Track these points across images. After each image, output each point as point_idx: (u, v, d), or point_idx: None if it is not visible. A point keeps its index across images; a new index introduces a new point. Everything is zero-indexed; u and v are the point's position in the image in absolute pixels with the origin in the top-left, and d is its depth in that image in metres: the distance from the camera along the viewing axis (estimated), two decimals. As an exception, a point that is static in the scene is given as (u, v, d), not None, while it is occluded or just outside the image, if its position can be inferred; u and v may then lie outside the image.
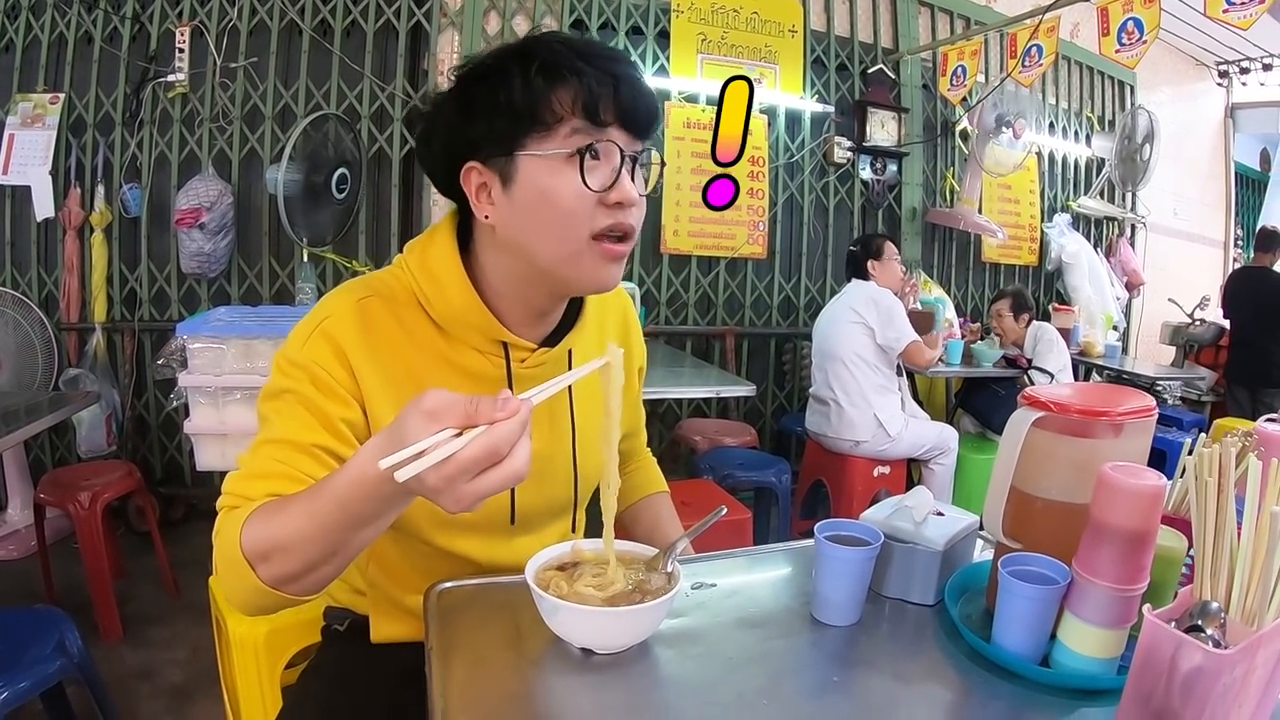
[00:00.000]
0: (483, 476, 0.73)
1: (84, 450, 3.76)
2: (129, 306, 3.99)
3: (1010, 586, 0.92)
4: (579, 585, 0.98)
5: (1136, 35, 3.65)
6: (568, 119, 0.97)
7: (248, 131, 3.99)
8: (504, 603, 1.08)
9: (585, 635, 0.95)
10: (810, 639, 1.02)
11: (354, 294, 1.09)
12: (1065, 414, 0.96)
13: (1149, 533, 0.85)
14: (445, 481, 0.72)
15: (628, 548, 1.09)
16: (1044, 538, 0.97)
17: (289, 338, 1.07)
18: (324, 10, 4.04)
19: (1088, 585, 0.87)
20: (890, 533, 1.10)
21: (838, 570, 1.02)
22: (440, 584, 1.11)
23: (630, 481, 1.50)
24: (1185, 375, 5.45)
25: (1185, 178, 7.09)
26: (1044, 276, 5.97)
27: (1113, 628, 0.88)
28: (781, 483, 3.44)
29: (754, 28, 4.80)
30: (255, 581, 0.87)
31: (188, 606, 3.14)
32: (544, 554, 1.04)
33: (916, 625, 1.06)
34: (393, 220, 4.18)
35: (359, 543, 0.87)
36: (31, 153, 3.77)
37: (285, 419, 1.01)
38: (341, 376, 1.03)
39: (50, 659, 1.86)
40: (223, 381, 2.68)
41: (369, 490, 0.79)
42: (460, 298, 1.07)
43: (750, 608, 1.09)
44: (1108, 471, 0.86)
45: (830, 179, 5.07)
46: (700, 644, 0.99)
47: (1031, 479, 0.99)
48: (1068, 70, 6.02)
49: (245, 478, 0.98)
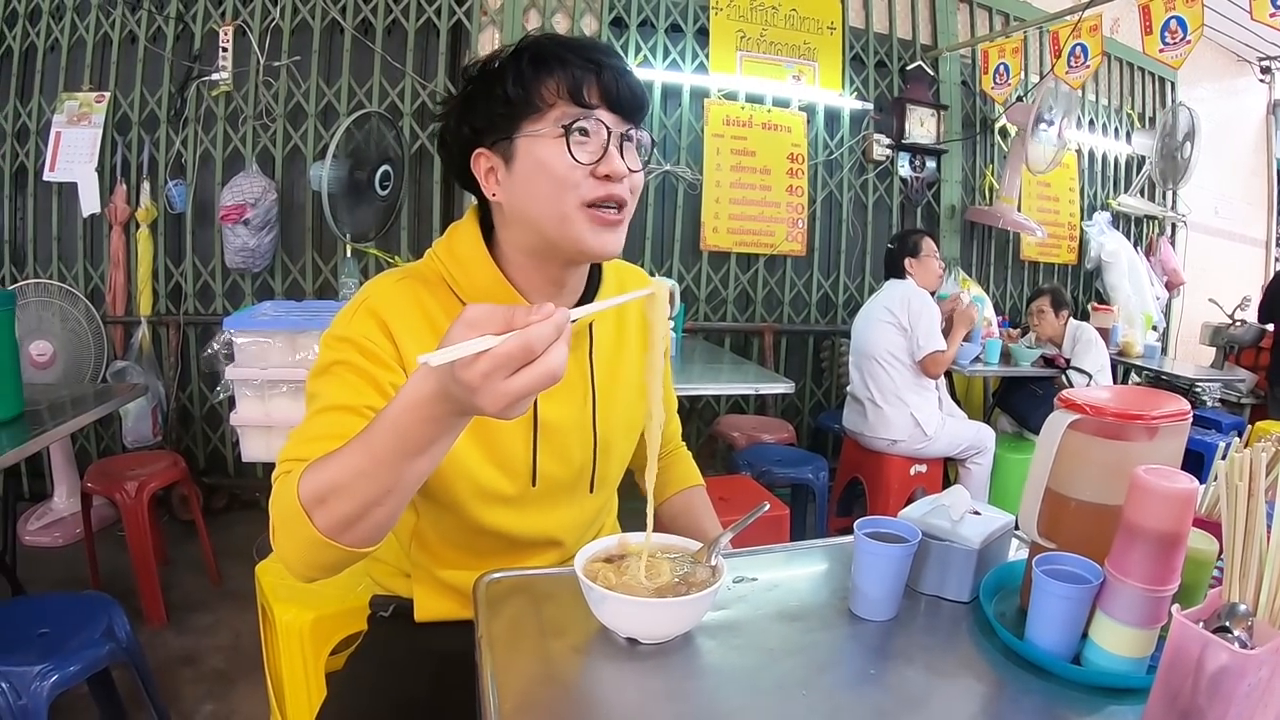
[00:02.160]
0: (518, 374, 0.74)
1: (130, 441, 3.86)
2: (174, 300, 4.09)
3: (1044, 585, 0.94)
4: (626, 577, 1.01)
5: (1180, 34, 3.61)
6: (557, 104, 1.08)
7: (291, 129, 4.06)
8: (550, 593, 1.12)
9: (632, 625, 0.98)
10: (848, 632, 1.04)
11: (392, 277, 1.19)
12: (1100, 417, 0.97)
13: (1180, 535, 0.87)
14: (481, 377, 0.73)
15: (673, 541, 1.12)
16: (1078, 538, 0.99)
17: (334, 320, 1.14)
18: (365, 9, 4.09)
19: (1120, 585, 0.89)
20: (927, 530, 1.12)
21: (876, 566, 1.05)
22: (489, 574, 1.15)
23: (667, 475, 1.54)
24: (1225, 377, 5.36)
25: (1227, 176, 6.97)
26: (1083, 275, 5.91)
27: (1143, 627, 0.89)
28: (819, 480, 3.45)
29: (793, 25, 4.80)
30: (312, 531, 0.88)
31: (230, 594, 3.21)
32: (592, 546, 1.07)
33: (951, 621, 1.08)
34: (434, 215, 4.24)
35: (413, 475, 0.87)
36: (78, 150, 3.87)
37: (335, 388, 1.07)
38: (386, 346, 1.10)
39: (99, 643, 1.90)
40: (268, 375, 2.72)
41: (421, 412, 0.81)
42: (484, 275, 1.17)
43: (790, 601, 1.12)
44: (1141, 474, 0.87)
45: (869, 176, 5.06)
46: (742, 635, 1.02)
47: (1066, 480, 1.01)
48: (1107, 66, 5.94)
49: (298, 443, 1.02)
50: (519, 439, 1.20)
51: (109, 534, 3.46)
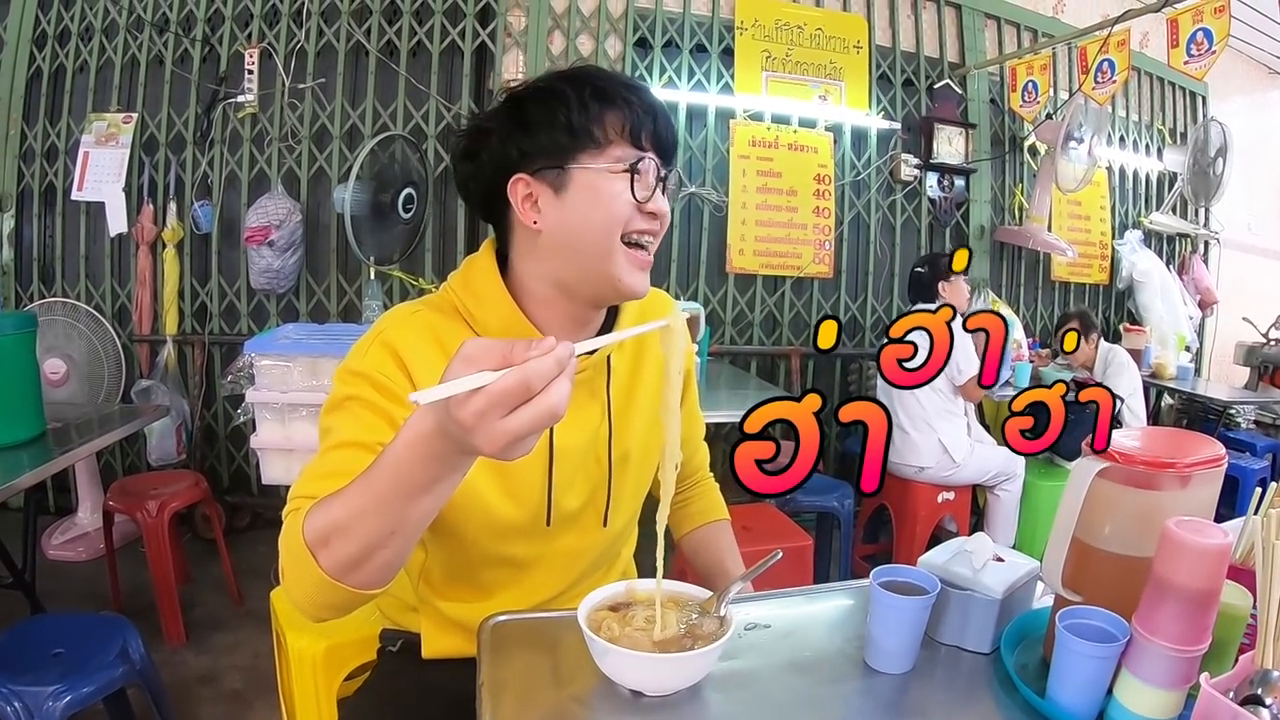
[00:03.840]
0: (516, 413, 0.70)
1: (154, 459, 3.87)
2: (199, 320, 4.11)
3: (1067, 643, 0.90)
4: (630, 628, 0.98)
5: (1206, 46, 3.55)
6: (616, 142, 1.10)
7: (316, 151, 4.08)
8: (556, 638, 1.09)
9: (634, 679, 0.95)
10: (862, 686, 1.01)
11: (408, 309, 1.19)
12: (1130, 465, 0.94)
13: (1213, 592, 0.83)
14: (475, 416, 0.70)
15: (681, 589, 1.09)
16: (1104, 591, 0.95)
17: (349, 353, 1.13)
18: (390, 32, 4.12)
19: (1147, 644, 0.85)
20: (948, 579, 1.09)
21: (892, 618, 1.01)
22: (494, 617, 1.13)
23: (691, 507, 1.51)
24: (1260, 399, 5.26)
25: (1260, 191, 6.84)
26: (1115, 295, 5.82)
27: (1171, 689, 0.85)
28: (844, 508, 3.40)
29: (818, 44, 4.77)
30: (318, 573, 0.87)
31: (250, 614, 3.21)
32: (597, 594, 1.04)
33: (971, 674, 1.04)
34: (459, 239, 4.24)
35: (417, 515, 0.84)
36: (106, 170, 3.92)
37: (348, 424, 1.05)
38: (401, 380, 1.08)
39: (114, 665, 1.91)
40: (289, 398, 2.73)
41: (421, 450, 0.78)
42: (500, 310, 1.16)
43: (803, 650, 1.09)
44: (1172, 528, 0.84)
45: (897, 197, 5.00)
46: (750, 688, 0.99)
47: (1094, 530, 0.97)
48: (1137, 81, 5.86)
49: (309, 480, 1.00)
50: (534, 471, 1.18)
51: (132, 549, 3.47)
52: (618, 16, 4.39)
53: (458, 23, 4.16)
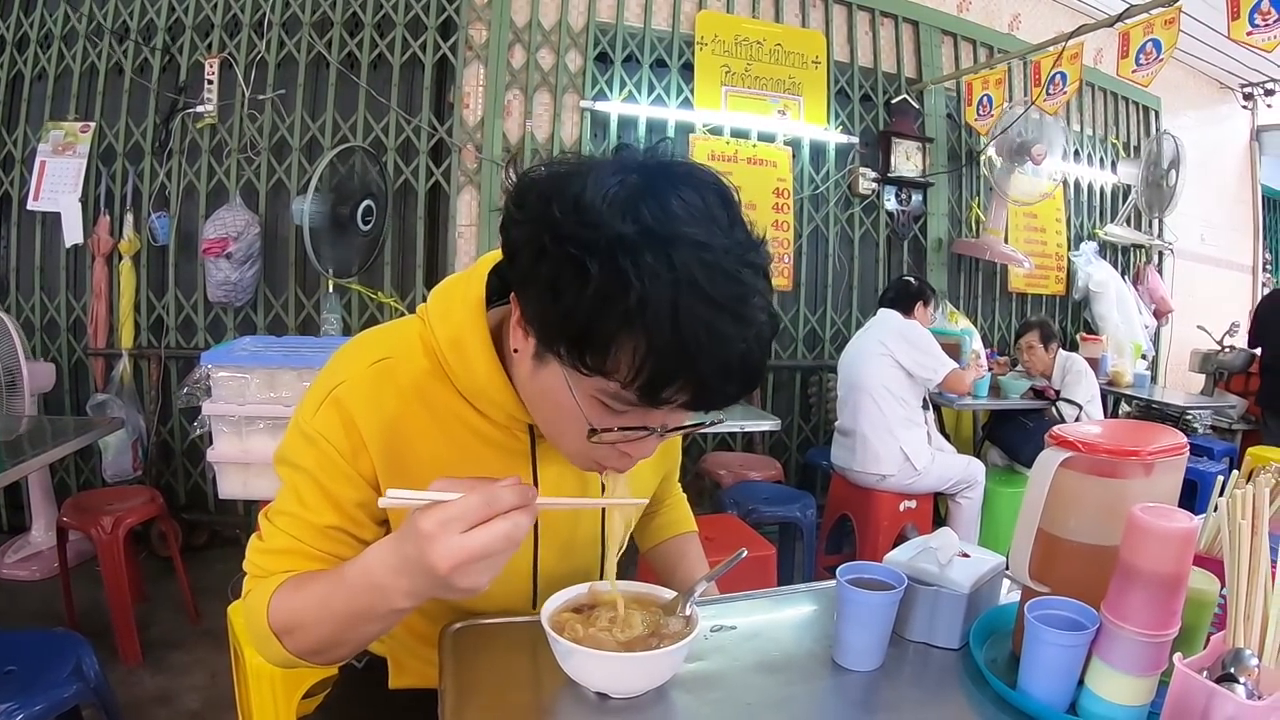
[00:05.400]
0: (477, 530, 0.72)
1: (110, 475, 3.80)
2: (156, 333, 4.04)
3: (1037, 632, 0.89)
4: (594, 629, 0.96)
5: (1154, 55, 3.63)
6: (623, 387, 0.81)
7: (275, 162, 4.04)
8: (519, 642, 1.06)
9: (600, 680, 0.93)
10: (831, 684, 1.00)
11: (370, 354, 1.03)
12: (1094, 454, 0.94)
13: (1180, 576, 0.83)
14: (439, 525, 0.72)
15: (645, 590, 1.07)
16: (1072, 581, 0.94)
17: (306, 395, 1.04)
18: (351, 44, 4.09)
19: (1117, 631, 0.85)
20: (914, 575, 1.08)
21: (860, 615, 1.00)
22: (455, 624, 1.10)
23: (660, 519, 1.47)
24: (1216, 404, 5.36)
25: (1212, 203, 7.02)
26: (1071, 306, 5.91)
27: (1143, 674, 0.85)
28: (806, 517, 3.40)
29: (777, 59, 4.82)
30: (283, 652, 0.92)
31: (208, 632, 3.15)
32: (560, 595, 1.02)
33: (940, 670, 1.03)
34: (418, 252, 4.20)
35: (368, 634, 0.91)
36: (62, 180, 3.86)
37: (299, 495, 1.00)
38: (349, 454, 0.99)
39: (66, 683, 1.86)
40: (246, 411, 2.69)
41: (372, 578, 0.82)
42: (484, 374, 0.98)
43: (771, 651, 1.07)
44: (1137, 514, 0.84)
45: (855, 210, 5.05)
46: (718, 689, 0.97)
47: (1059, 520, 0.97)
48: (1091, 96, 5.99)
49: (265, 552, 1.00)
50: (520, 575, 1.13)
51: (87, 569, 3.38)
52: (578, 31, 4.40)
53: (419, 35, 4.15)
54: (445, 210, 4.22)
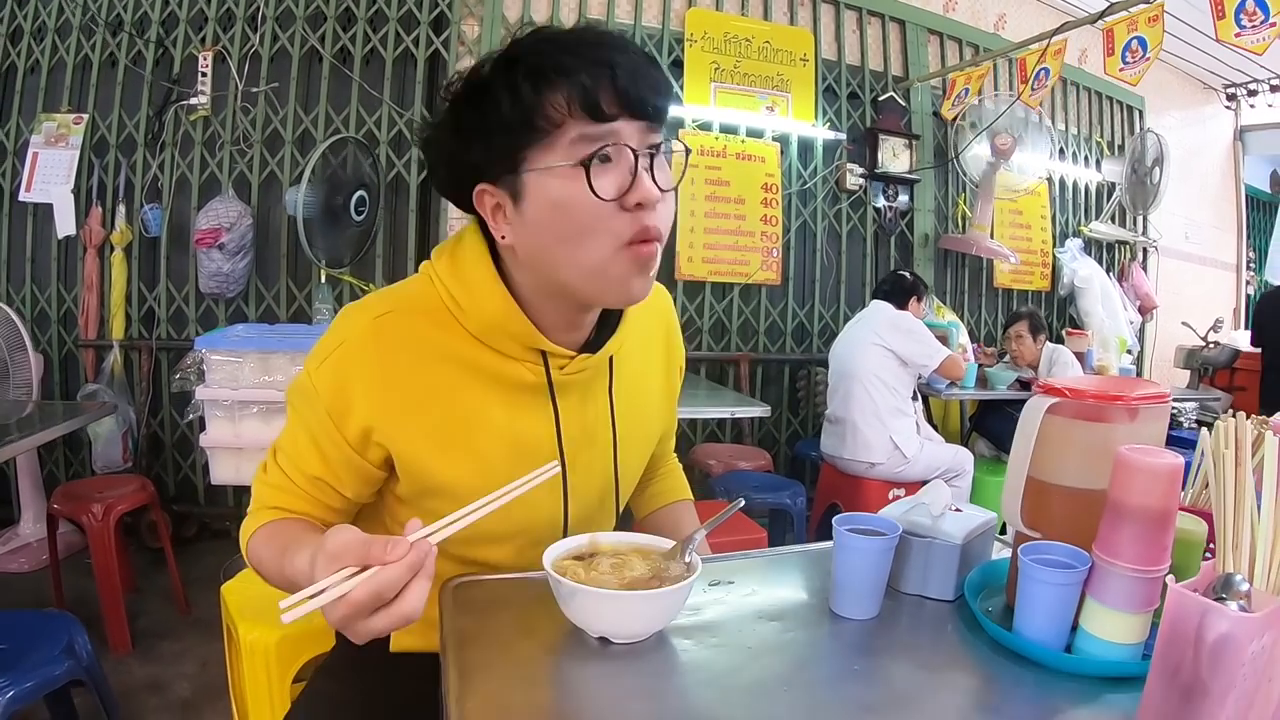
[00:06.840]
0: (375, 615, 0.77)
1: (99, 465, 3.79)
2: (147, 325, 4.04)
3: (1031, 572, 0.91)
4: (596, 572, 0.98)
5: (1140, 54, 3.66)
6: (567, 123, 0.91)
7: (268, 155, 4.05)
8: (519, 597, 1.08)
9: (602, 620, 0.94)
10: (830, 630, 1.01)
11: (373, 310, 1.05)
12: (1080, 399, 0.96)
13: (1169, 511, 0.85)
14: (341, 620, 0.77)
15: (646, 540, 1.08)
16: (1063, 525, 0.96)
17: (316, 345, 1.08)
18: (344, 38, 4.10)
19: (1109, 568, 0.87)
20: (908, 527, 1.09)
21: (856, 561, 1.02)
22: (456, 579, 1.11)
23: (655, 488, 1.49)
24: (1200, 397, 5.41)
25: (1196, 201, 7.10)
26: (1056, 301, 5.95)
27: (1136, 611, 0.87)
28: (796, 505, 3.42)
29: (766, 57, 4.85)
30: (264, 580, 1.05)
31: (198, 622, 3.14)
32: (561, 544, 1.03)
33: (936, 620, 1.05)
34: (410, 244, 4.21)
35: None
36: (54, 171, 3.85)
37: (295, 439, 1.09)
38: (337, 416, 1.04)
39: (58, 661, 1.86)
40: (239, 395, 2.69)
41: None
42: (496, 305, 1.02)
43: (769, 603, 1.09)
44: (1125, 452, 0.86)
45: (843, 206, 5.09)
46: (719, 635, 0.99)
47: (1048, 467, 0.99)
48: (1076, 95, 6.05)
49: (265, 484, 1.11)
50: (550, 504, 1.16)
51: (76, 561, 3.38)
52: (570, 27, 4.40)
53: (411, 30, 4.16)
54: (437, 202, 4.22)
